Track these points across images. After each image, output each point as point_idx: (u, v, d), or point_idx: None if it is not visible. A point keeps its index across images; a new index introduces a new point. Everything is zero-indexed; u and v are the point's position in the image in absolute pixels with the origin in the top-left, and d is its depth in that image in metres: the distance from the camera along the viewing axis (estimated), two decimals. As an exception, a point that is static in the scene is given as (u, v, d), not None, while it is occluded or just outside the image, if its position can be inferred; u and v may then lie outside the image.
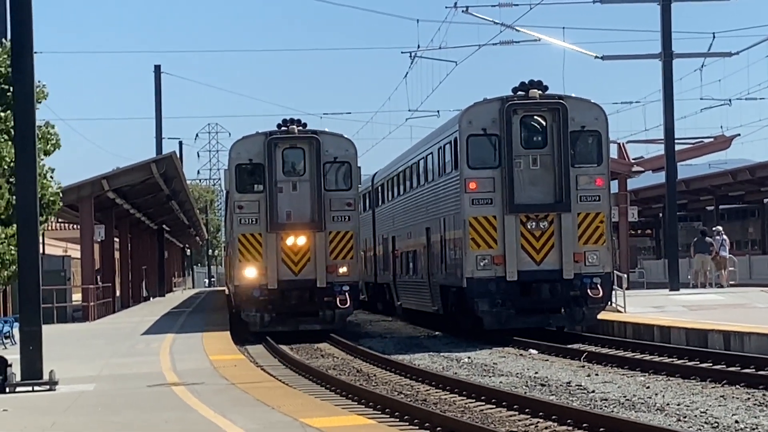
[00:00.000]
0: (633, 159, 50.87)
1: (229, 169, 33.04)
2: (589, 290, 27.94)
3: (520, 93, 28.66)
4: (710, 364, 21.36)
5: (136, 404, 16.05)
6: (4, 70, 25.24)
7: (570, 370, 22.22)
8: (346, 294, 32.16)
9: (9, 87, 23.93)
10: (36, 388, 18.12)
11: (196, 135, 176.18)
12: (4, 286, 31.01)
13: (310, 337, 32.06)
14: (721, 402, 16.79)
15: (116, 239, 57.15)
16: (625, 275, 35.52)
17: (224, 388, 17.65)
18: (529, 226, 28.19)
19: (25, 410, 15.84)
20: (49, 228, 70.22)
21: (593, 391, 18.60)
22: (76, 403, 16.37)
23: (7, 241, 24.80)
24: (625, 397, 17.73)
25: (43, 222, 25.60)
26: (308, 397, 17.08)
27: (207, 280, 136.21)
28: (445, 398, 18.57)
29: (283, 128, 32.90)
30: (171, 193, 51.84)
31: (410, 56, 45.32)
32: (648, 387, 18.91)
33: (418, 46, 45.32)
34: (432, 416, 15.63)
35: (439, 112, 55.16)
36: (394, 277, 40.22)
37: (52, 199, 26.48)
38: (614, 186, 44.32)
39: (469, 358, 25.39)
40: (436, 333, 33.46)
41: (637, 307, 31.75)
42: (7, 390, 18.01)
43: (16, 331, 25.61)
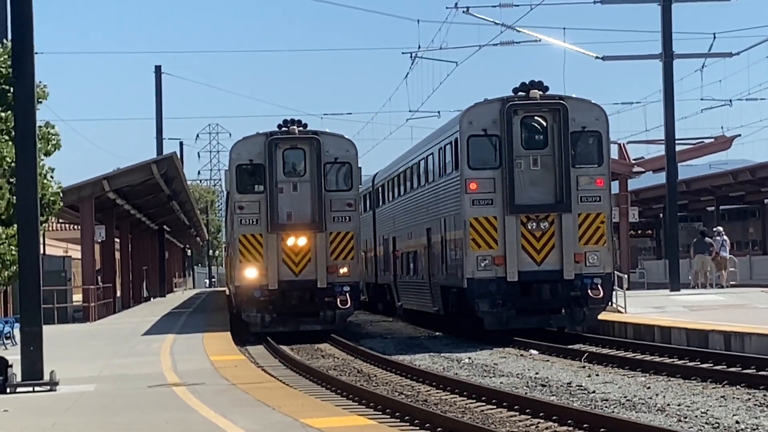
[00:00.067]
0: (634, 159, 50.84)
1: (230, 169, 33.02)
2: (589, 291, 27.93)
3: (520, 93, 28.66)
4: (711, 365, 21.36)
5: (136, 405, 16.05)
6: (4, 71, 25.21)
7: (571, 370, 22.22)
8: (347, 294, 32.15)
9: (9, 87, 23.91)
10: (37, 388, 18.11)
11: (197, 135, 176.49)
12: (5, 286, 31.01)
13: (311, 338, 32.06)
14: (722, 402, 16.79)
15: (117, 240, 57.17)
16: (626, 276, 35.53)
17: (225, 388, 17.65)
18: (529, 227, 28.18)
19: (26, 411, 15.84)
20: (50, 228, 70.26)
21: (594, 392, 18.59)
22: (77, 404, 16.36)
23: (7, 242, 24.77)
24: (625, 397, 17.73)
25: (44, 222, 25.58)
26: (309, 398, 17.07)
27: (207, 281, 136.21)
28: (446, 399, 18.58)
29: (284, 129, 32.88)
30: (171, 193, 51.83)
31: (411, 57, 45.40)
32: (649, 387, 18.91)
33: (419, 47, 45.38)
34: (433, 417, 15.63)
35: (439, 112, 55.17)
36: (395, 277, 40.21)
37: (53, 199, 26.45)
38: (615, 186, 44.29)
39: (470, 358, 25.39)
40: (437, 333, 33.46)
41: (638, 307, 31.73)
42: (8, 390, 18.00)
43: (17, 332, 25.64)
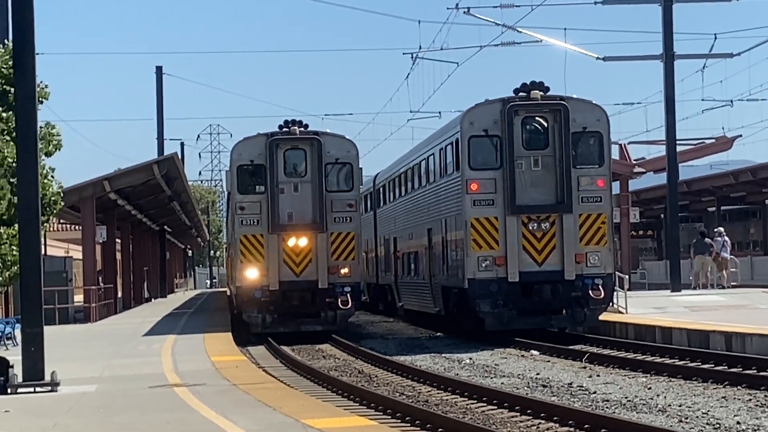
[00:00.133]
0: (634, 160, 50.79)
1: (231, 170, 33.01)
2: (590, 291, 27.93)
3: (521, 94, 28.66)
4: (712, 366, 21.36)
5: (137, 405, 16.05)
6: (5, 71, 25.21)
7: (572, 371, 22.22)
8: (348, 295, 32.14)
9: (10, 88, 23.91)
10: (38, 389, 18.11)
11: (198, 136, 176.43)
12: (6, 287, 31.01)
13: (312, 338, 32.06)
14: (723, 403, 16.79)
15: (118, 240, 57.17)
16: (627, 276, 35.54)
17: (226, 389, 17.65)
18: (530, 227, 28.18)
19: (27, 411, 15.84)
20: (51, 229, 70.28)
21: (595, 392, 18.60)
22: (78, 404, 16.37)
23: (8, 242, 24.76)
24: (626, 398, 17.73)
25: (44, 222, 25.56)
26: (310, 398, 17.07)
27: (208, 281, 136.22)
28: (447, 399, 18.58)
29: (285, 129, 32.88)
30: (173, 194, 51.85)
31: (411, 57, 45.44)
32: (650, 388, 18.91)
33: (420, 47, 45.47)
34: (433, 417, 15.63)
35: (440, 113, 55.30)
36: (396, 278, 40.22)
37: (54, 199, 26.43)
38: (616, 187, 44.26)
39: (471, 359, 25.39)
40: (438, 334, 33.45)
41: (639, 308, 31.74)
42: (9, 391, 18.00)
43: (18, 332, 25.67)
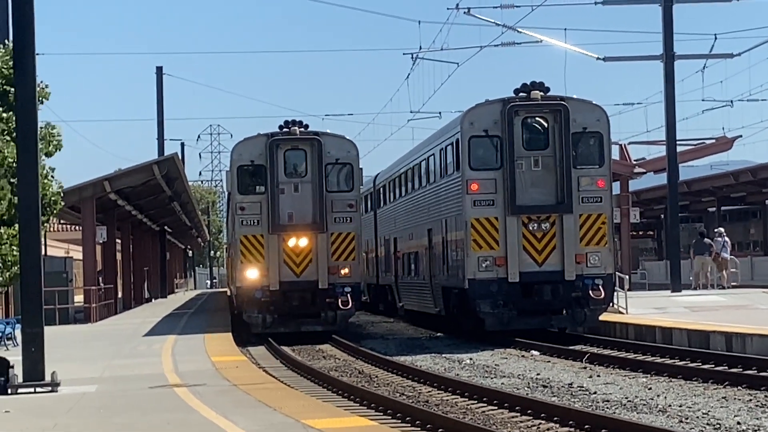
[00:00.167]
0: (635, 160, 50.79)
1: (231, 170, 33.00)
2: (590, 291, 27.92)
3: (521, 94, 28.66)
4: (712, 366, 21.36)
5: (138, 406, 16.05)
6: (6, 72, 25.22)
7: (572, 371, 22.22)
8: (348, 295, 32.14)
9: (11, 88, 23.92)
10: (38, 389, 18.11)
11: (198, 136, 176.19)
12: (6, 287, 31.03)
13: (312, 339, 32.06)
14: (723, 403, 16.79)
15: (118, 240, 57.17)
16: (627, 276, 35.54)
17: (226, 389, 17.64)
18: (530, 228, 28.17)
19: (27, 411, 15.84)
20: (51, 229, 70.28)
21: (595, 393, 18.60)
22: (78, 405, 16.36)
23: (9, 242, 24.77)
24: (627, 398, 17.73)
25: (45, 222, 25.57)
26: (310, 399, 17.07)
27: (209, 282, 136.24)
28: (447, 400, 18.58)
29: (285, 130, 32.87)
30: (173, 194, 51.85)
31: (412, 57, 45.42)
32: (650, 388, 18.91)
33: (420, 48, 45.45)
34: (434, 418, 15.63)
35: (440, 113, 55.22)
36: (396, 278, 40.22)
37: (54, 199, 26.44)
38: (616, 187, 44.26)
39: (471, 359, 25.38)
40: (438, 334, 33.45)
41: (639, 308, 31.74)
42: (9, 391, 18.00)
43: (18, 333, 25.68)
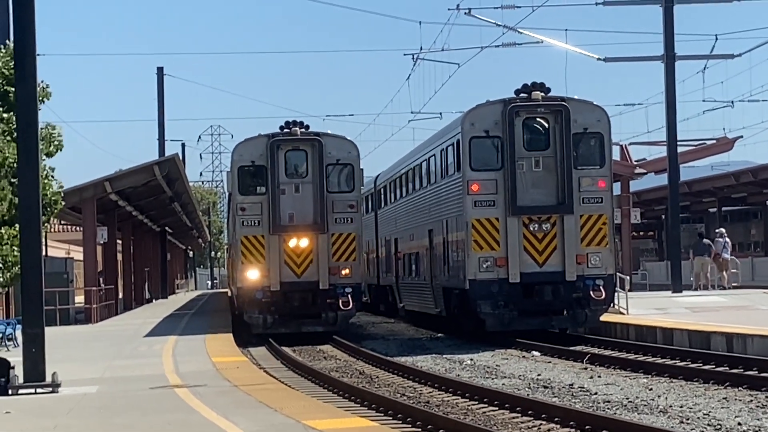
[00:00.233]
0: (635, 161, 50.74)
1: (232, 171, 33.01)
2: (591, 292, 27.92)
3: (522, 95, 28.66)
4: (713, 366, 21.36)
5: (138, 406, 16.05)
6: (6, 72, 25.20)
7: (573, 372, 22.21)
8: (349, 296, 32.14)
9: (11, 88, 23.90)
10: (39, 390, 18.09)
11: (199, 137, 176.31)
12: (7, 287, 31.00)
13: (313, 339, 32.06)
14: (724, 404, 16.78)
15: (119, 241, 57.17)
16: (628, 277, 35.53)
17: (227, 390, 17.64)
18: (531, 228, 28.17)
19: (28, 412, 15.83)
20: (52, 230, 70.34)
21: (596, 393, 18.59)
22: (79, 405, 16.36)
23: (9, 242, 24.75)
24: (627, 399, 17.72)
25: (45, 222, 25.54)
26: (311, 399, 17.07)
27: (209, 282, 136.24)
28: (448, 400, 18.57)
29: (286, 130, 32.88)
30: (173, 195, 51.85)
31: (413, 58, 45.45)
32: (651, 389, 18.90)
33: (421, 48, 45.63)
34: (435, 418, 15.62)
35: (441, 114, 55.26)
36: (397, 278, 40.22)
37: (54, 199, 26.39)
38: (617, 188, 44.23)
39: (472, 360, 25.38)
40: (439, 335, 33.45)
41: (640, 308, 31.73)
42: (10, 392, 17.99)
43: (19, 333, 25.67)
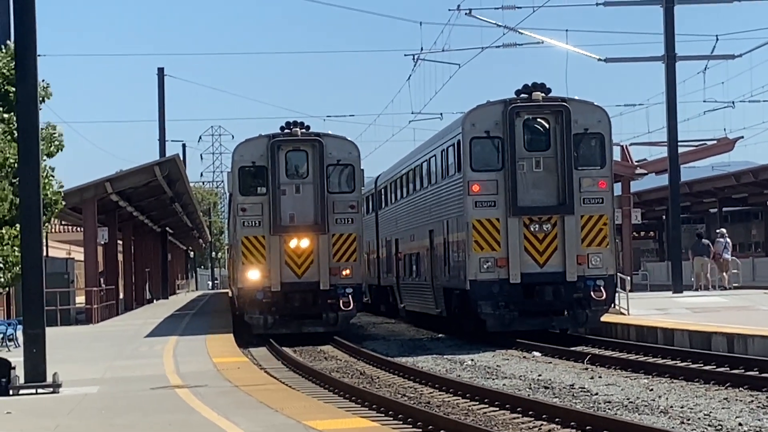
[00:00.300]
0: (636, 161, 50.73)
1: (233, 171, 33.02)
2: (592, 292, 27.93)
3: (523, 95, 28.66)
4: (714, 367, 21.35)
5: (139, 407, 16.05)
6: (7, 72, 25.21)
7: (573, 372, 22.22)
8: (350, 296, 32.15)
9: (12, 88, 23.90)
10: (39, 390, 18.10)
11: (200, 137, 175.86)
12: (8, 288, 31.01)
13: (314, 340, 32.07)
14: (725, 404, 16.78)
15: (119, 242, 57.17)
16: (629, 277, 35.52)
17: (227, 390, 17.65)
18: (532, 229, 28.17)
19: (29, 413, 15.84)
20: (53, 230, 70.36)
21: (597, 394, 18.59)
22: (80, 406, 16.36)
23: (10, 243, 24.76)
24: (628, 399, 17.72)
25: (46, 222, 25.53)
26: (311, 400, 17.07)
27: (210, 283, 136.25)
28: (449, 401, 18.58)
29: (286, 131, 32.89)
30: (174, 195, 51.85)
31: (413, 59, 45.43)
32: (651, 389, 18.90)
33: (421, 49, 45.54)
34: (435, 419, 15.63)
35: (442, 114, 55.23)
36: (398, 279, 40.22)
37: (54, 199, 26.40)
38: (617, 188, 44.24)
39: (473, 360, 25.38)
40: (440, 335, 33.45)
41: (641, 309, 31.72)
42: (11, 393, 17.99)
43: (20, 334, 25.68)
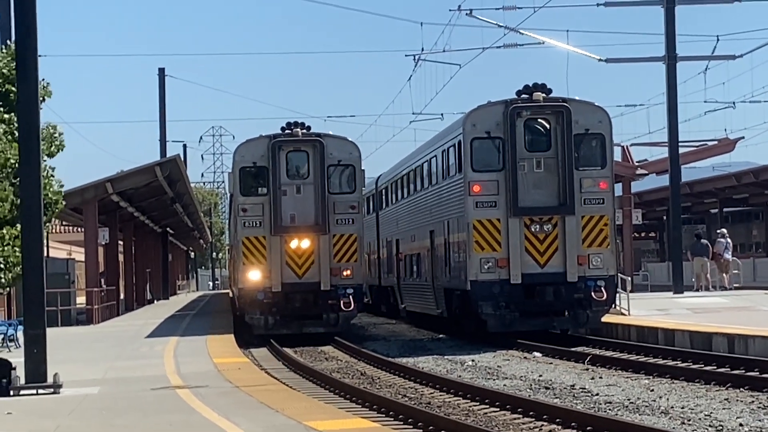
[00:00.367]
0: (637, 162, 50.75)
1: (233, 172, 33.02)
2: (593, 293, 27.93)
3: (523, 96, 28.66)
4: (714, 367, 21.35)
5: (140, 407, 16.05)
6: (7, 72, 25.22)
7: (574, 372, 22.21)
8: (350, 297, 32.16)
9: (13, 88, 23.91)
10: (40, 391, 18.11)
11: (200, 138, 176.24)
12: (9, 288, 31.02)
13: (314, 340, 32.06)
14: (726, 405, 16.78)
15: (120, 242, 57.18)
16: (629, 278, 35.52)
17: (228, 390, 17.65)
18: (533, 229, 28.17)
19: (30, 413, 15.84)
20: (54, 231, 70.37)
21: (597, 394, 18.59)
22: (81, 406, 16.37)
23: (11, 243, 24.77)
24: (629, 400, 17.72)
25: (46, 222, 25.53)
26: (312, 400, 17.07)
27: (211, 283, 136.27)
28: (449, 401, 18.57)
29: (287, 131, 32.89)
30: (175, 195, 51.86)
31: (414, 59, 45.45)
32: (652, 390, 18.90)
33: (422, 49, 45.45)
34: (436, 419, 15.63)
35: (443, 115, 55.25)
36: (398, 279, 40.22)
37: (55, 199, 26.41)
38: (618, 189, 44.28)
39: (473, 360, 25.38)
40: (440, 336, 33.44)
41: (641, 309, 31.71)
42: (12, 393, 18.00)
43: (20, 334, 25.68)
